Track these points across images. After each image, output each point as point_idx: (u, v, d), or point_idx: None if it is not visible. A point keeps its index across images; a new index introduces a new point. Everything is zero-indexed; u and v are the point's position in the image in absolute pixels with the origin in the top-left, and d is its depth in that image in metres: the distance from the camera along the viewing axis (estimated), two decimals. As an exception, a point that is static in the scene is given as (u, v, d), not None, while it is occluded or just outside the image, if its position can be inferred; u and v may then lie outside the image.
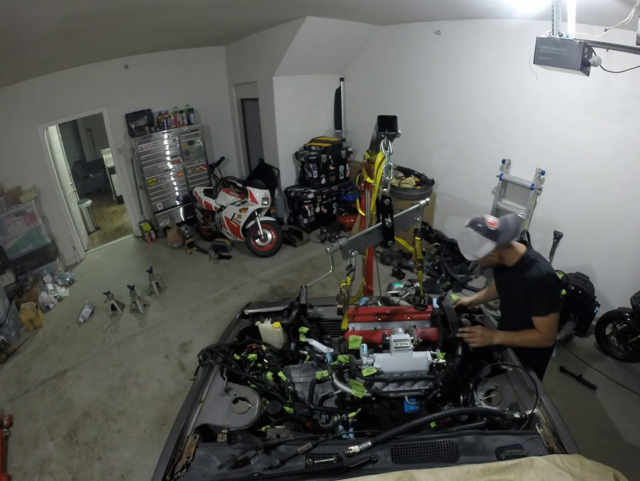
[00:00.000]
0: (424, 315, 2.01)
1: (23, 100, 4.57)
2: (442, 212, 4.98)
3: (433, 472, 1.11)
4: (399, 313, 2.01)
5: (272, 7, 3.85)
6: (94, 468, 2.62)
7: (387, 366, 1.59)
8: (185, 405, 1.59)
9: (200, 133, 5.88)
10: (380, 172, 1.64)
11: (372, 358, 1.61)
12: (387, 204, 1.59)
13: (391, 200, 1.61)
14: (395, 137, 1.65)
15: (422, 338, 1.80)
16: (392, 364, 1.59)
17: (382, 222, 1.63)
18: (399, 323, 1.98)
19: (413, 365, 1.60)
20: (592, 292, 3.46)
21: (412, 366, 1.60)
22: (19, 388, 3.38)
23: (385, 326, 1.98)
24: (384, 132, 1.62)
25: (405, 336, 1.65)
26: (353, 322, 1.98)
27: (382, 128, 1.62)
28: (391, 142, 1.64)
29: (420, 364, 1.60)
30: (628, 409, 2.83)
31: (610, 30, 2.17)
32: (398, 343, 1.60)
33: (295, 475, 1.24)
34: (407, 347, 1.60)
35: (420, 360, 1.60)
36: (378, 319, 2.00)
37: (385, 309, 2.06)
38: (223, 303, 4.38)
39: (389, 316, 2.01)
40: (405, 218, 1.73)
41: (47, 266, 4.94)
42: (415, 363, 1.60)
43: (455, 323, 1.80)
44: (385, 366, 1.58)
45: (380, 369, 1.57)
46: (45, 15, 2.65)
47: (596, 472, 1.07)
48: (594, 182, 3.42)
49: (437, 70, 4.46)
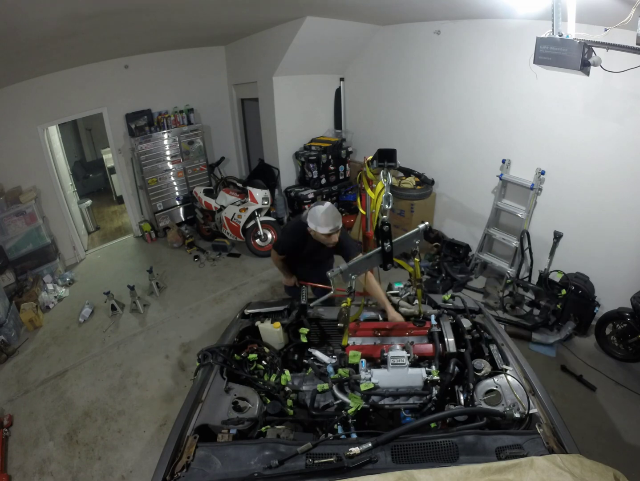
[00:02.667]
0: (422, 331, 2.07)
1: (23, 100, 4.57)
2: (442, 212, 4.98)
3: (433, 472, 1.11)
4: (398, 329, 2.08)
5: (272, 7, 3.85)
6: (94, 468, 2.62)
7: (384, 381, 1.65)
8: (185, 405, 1.59)
9: (200, 133, 5.88)
10: (380, 201, 1.71)
11: (369, 374, 1.67)
12: (387, 230, 1.67)
13: (390, 226, 1.69)
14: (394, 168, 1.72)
15: (419, 355, 1.88)
16: (388, 379, 1.66)
17: (381, 247, 1.70)
18: (397, 338, 2.06)
19: (408, 381, 1.66)
20: (592, 292, 3.46)
21: (407, 382, 1.66)
22: (19, 388, 3.38)
23: (384, 341, 2.05)
24: (384, 163, 1.68)
25: (402, 353, 1.72)
26: (354, 336, 2.05)
27: (381, 160, 1.69)
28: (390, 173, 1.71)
29: (415, 380, 1.66)
30: (628, 409, 2.83)
31: (610, 30, 2.18)
32: (395, 360, 1.67)
33: (295, 475, 1.24)
34: (403, 363, 1.67)
35: (415, 376, 1.67)
36: (378, 334, 2.07)
37: (384, 324, 2.12)
38: (223, 303, 4.38)
39: (388, 332, 2.08)
40: (405, 242, 1.80)
41: (47, 266, 4.94)
42: (411, 379, 1.67)
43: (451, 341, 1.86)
44: (382, 381, 1.65)
45: (377, 384, 1.64)
46: (46, 15, 2.65)
47: (596, 472, 1.07)
48: (594, 182, 3.42)
49: (437, 70, 4.46)
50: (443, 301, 2.26)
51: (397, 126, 5.19)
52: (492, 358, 1.80)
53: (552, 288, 3.55)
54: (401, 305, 2.23)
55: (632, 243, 3.31)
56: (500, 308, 3.87)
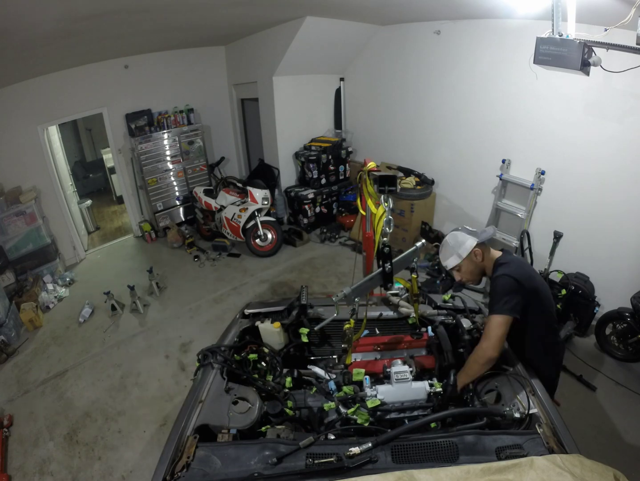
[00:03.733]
0: (419, 343, 2.11)
1: (23, 100, 4.58)
2: (442, 212, 4.98)
3: (433, 472, 1.11)
4: (396, 342, 2.12)
5: (272, 7, 3.86)
6: (94, 468, 2.62)
7: (389, 396, 1.67)
8: (185, 405, 1.59)
9: (200, 133, 5.88)
10: (381, 225, 1.74)
11: (375, 390, 1.68)
12: (387, 252, 1.72)
13: (391, 248, 1.74)
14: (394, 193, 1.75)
15: (420, 368, 1.93)
16: (393, 395, 1.67)
17: (382, 268, 1.74)
18: (396, 351, 2.10)
19: (413, 395, 1.68)
20: (592, 292, 3.46)
21: (411, 395, 1.68)
22: (19, 388, 3.38)
23: (384, 355, 2.09)
24: (385, 188, 1.71)
25: (404, 367, 1.73)
26: (354, 352, 2.07)
27: (382, 184, 1.71)
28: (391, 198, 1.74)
29: (419, 394, 1.68)
30: (628, 409, 2.83)
31: (610, 30, 2.17)
32: (398, 375, 1.69)
33: (295, 475, 1.24)
34: (407, 378, 1.69)
35: (419, 390, 1.68)
36: (377, 348, 2.11)
37: (383, 339, 2.15)
38: (223, 303, 4.37)
39: (387, 346, 2.12)
40: (404, 260, 1.86)
41: (47, 266, 4.94)
42: (415, 392, 1.68)
43: (450, 352, 1.87)
44: (387, 397, 1.67)
45: (383, 400, 1.65)
46: (45, 15, 2.65)
47: (596, 472, 1.07)
48: (594, 182, 3.42)
49: (437, 70, 4.46)
50: (443, 301, 2.26)
51: (397, 125, 5.19)
52: None
53: (552, 288, 3.54)
54: (401, 305, 2.23)
55: (632, 243, 3.31)
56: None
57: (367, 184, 1.94)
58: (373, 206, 1.88)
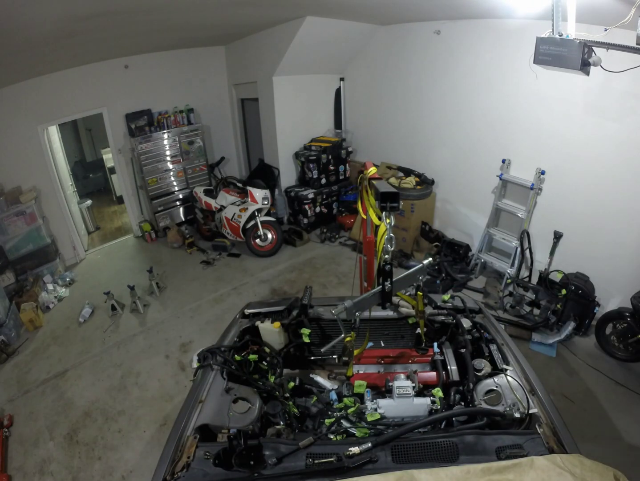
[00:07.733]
0: (425, 358, 2.08)
1: (23, 100, 4.57)
2: (442, 212, 4.98)
3: (433, 472, 1.11)
4: (401, 356, 2.10)
5: (272, 7, 3.86)
6: (94, 468, 2.62)
7: (390, 411, 1.66)
8: (185, 405, 1.59)
9: (200, 133, 5.88)
10: (383, 242, 1.72)
11: (375, 404, 1.67)
12: (388, 270, 1.69)
13: (392, 266, 1.72)
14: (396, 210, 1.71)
15: (423, 383, 1.89)
16: (394, 409, 1.66)
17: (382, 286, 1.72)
18: (400, 365, 2.07)
19: (414, 411, 1.66)
20: (592, 292, 3.46)
21: (413, 411, 1.66)
22: (19, 388, 3.38)
23: (387, 369, 2.06)
24: (386, 205, 1.68)
25: (407, 383, 1.72)
26: (357, 364, 2.05)
27: (384, 201, 1.68)
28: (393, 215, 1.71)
29: (420, 410, 1.66)
30: (628, 409, 2.83)
31: (610, 30, 2.17)
32: (400, 390, 1.67)
33: (295, 475, 1.24)
34: (409, 394, 1.67)
35: (420, 406, 1.67)
36: (381, 362, 2.08)
37: (387, 352, 2.13)
38: (223, 303, 4.37)
39: (391, 359, 2.09)
40: (410, 277, 1.82)
41: (47, 266, 4.94)
42: (416, 408, 1.67)
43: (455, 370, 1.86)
44: (388, 412, 1.65)
45: (384, 414, 1.64)
46: (46, 15, 2.65)
47: (596, 472, 1.07)
48: (594, 181, 3.42)
49: (437, 70, 4.46)
50: (443, 301, 2.25)
51: (397, 125, 5.19)
52: (492, 358, 1.80)
53: (552, 287, 3.55)
54: (401, 305, 2.23)
55: (632, 243, 3.31)
56: (500, 307, 3.87)
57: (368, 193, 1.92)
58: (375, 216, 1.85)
